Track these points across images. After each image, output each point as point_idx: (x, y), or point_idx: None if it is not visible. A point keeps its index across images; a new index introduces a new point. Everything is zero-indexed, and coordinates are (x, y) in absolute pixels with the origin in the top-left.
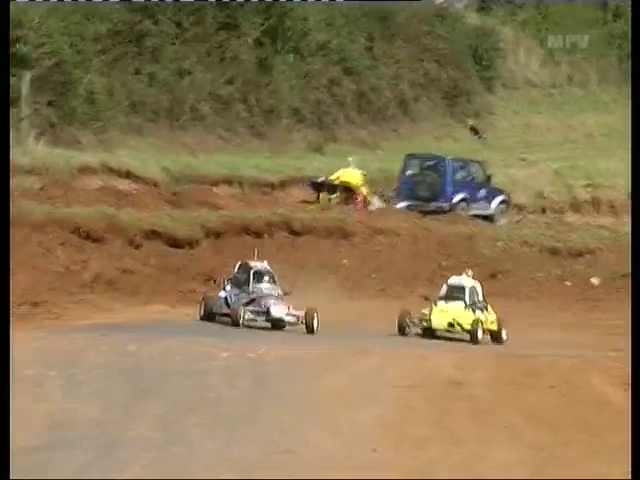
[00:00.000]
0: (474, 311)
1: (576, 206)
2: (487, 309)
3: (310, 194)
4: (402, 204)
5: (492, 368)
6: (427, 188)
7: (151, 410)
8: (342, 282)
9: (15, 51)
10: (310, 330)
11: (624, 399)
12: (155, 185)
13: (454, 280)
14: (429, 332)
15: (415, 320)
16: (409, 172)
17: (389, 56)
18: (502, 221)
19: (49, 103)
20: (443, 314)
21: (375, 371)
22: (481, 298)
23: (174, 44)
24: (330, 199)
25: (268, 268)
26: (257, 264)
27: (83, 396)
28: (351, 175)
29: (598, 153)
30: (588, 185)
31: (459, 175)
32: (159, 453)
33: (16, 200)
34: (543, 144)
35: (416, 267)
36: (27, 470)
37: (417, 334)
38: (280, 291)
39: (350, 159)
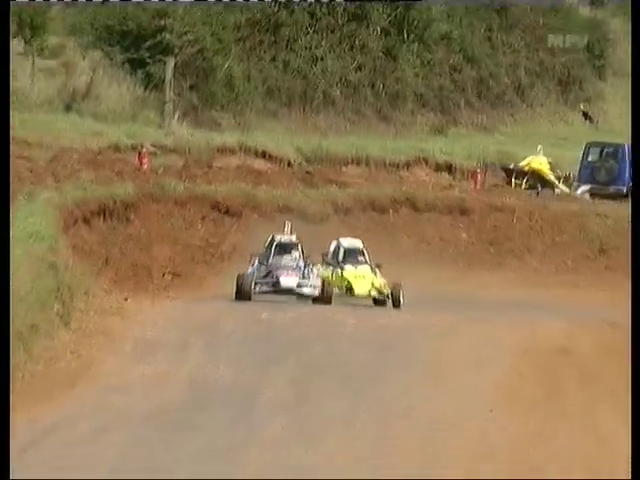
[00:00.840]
0: (376, 275)
1: None
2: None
3: (502, 179)
4: (584, 187)
5: (599, 337)
6: (606, 173)
7: (283, 373)
8: (461, 256)
9: (161, 39)
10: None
11: None
12: (289, 164)
13: (349, 242)
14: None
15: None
16: (589, 158)
17: (507, 45)
18: None
19: (191, 87)
20: (362, 280)
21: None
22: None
23: (307, 33)
24: (521, 184)
25: (293, 240)
26: (282, 237)
27: (221, 360)
28: (540, 162)
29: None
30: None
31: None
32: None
33: (160, 177)
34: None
35: (531, 242)
36: (168, 428)
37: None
38: (304, 261)
39: (539, 147)
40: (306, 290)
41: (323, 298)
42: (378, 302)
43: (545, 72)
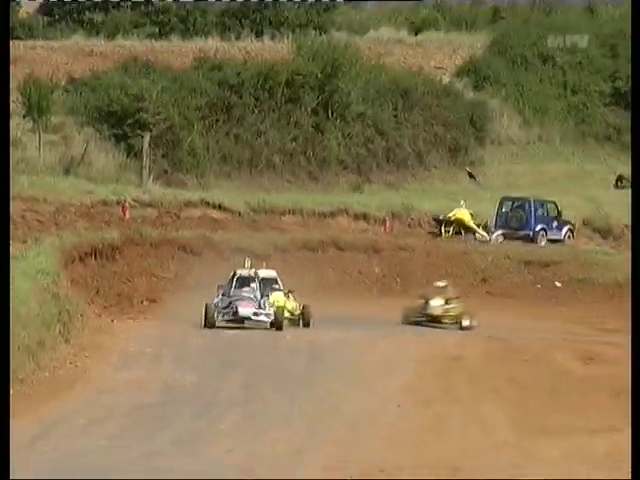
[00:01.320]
0: (289, 297)
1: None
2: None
3: (434, 227)
4: (498, 232)
5: (483, 347)
6: (516, 221)
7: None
8: (374, 285)
9: (139, 118)
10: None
11: (582, 369)
12: (239, 215)
13: (264, 273)
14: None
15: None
16: (503, 209)
17: (409, 121)
18: (568, 242)
19: (163, 156)
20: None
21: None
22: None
23: (253, 113)
24: (449, 231)
25: (252, 274)
26: (242, 271)
27: (188, 368)
28: (463, 213)
29: (560, 192)
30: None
31: (539, 212)
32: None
33: (139, 226)
34: (520, 185)
35: (429, 274)
36: (146, 421)
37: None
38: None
39: (462, 202)
40: (261, 318)
41: (275, 324)
42: (291, 322)
43: (439, 141)
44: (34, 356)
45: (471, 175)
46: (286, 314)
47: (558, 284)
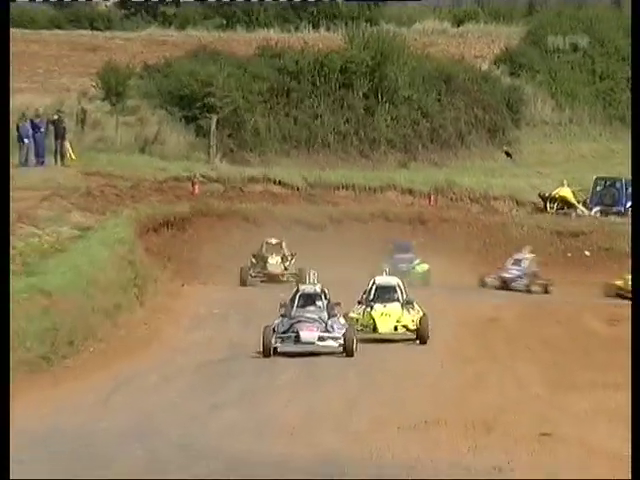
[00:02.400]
0: (408, 311)
1: (576, 203)
2: (412, 307)
3: (540, 203)
4: (596, 209)
5: (518, 309)
6: (610, 198)
7: None
8: (419, 253)
9: (207, 101)
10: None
11: (607, 330)
12: (297, 189)
13: (382, 280)
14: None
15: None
16: (597, 188)
17: (451, 104)
18: None
19: (228, 136)
20: (387, 318)
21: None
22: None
23: (310, 97)
24: (553, 207)
25: (317, 290)
26: (306, 287)
27: (252, 328)
28: (566, 191)
29: (589, 169)
30: (581, 190)
31: (629, 190)
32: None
33: (207, 199)
34: (552, 163)
35: (469, 243)
36: (214, 376)
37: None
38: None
39: (565, 181)
40: (329, 343)
41: (345, 351)
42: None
43: (478, 123)
44: (111, 318)
45: (508, 154)
46: (400, 330)
47: (587, 253)
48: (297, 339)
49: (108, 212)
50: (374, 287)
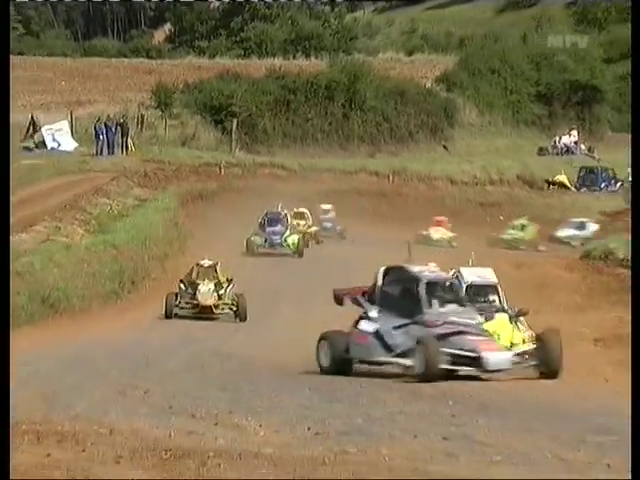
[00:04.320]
0: (518, 327)
1: (492, 182)
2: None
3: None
4: (582, 189)
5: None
6: (590, 181)
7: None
8: (384, 217)
9: (229, 109)
10: (552, 375)
11: (516, 272)
12: (295, 172)
13: (475, 274)
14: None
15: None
16: (581, 174)
17: (404, 112)
18: (621, 191)
19: (245, 133)
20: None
21: None
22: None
23: (304, 106)
24: (554, 189)
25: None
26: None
27: (264, 269)
28: (563, 178)
29: (502, 158)
30: (498, 172)
31: (603, 175)
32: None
33: (230, 179)
34: (476, 154)
35: (417, 211)
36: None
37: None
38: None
39: (562, 170)
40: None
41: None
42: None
43: (424, 125)
44: (162, 263)
45: (445, 147)
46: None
47: (501, 218)
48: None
49: (159, 188)
50: (462, 285)
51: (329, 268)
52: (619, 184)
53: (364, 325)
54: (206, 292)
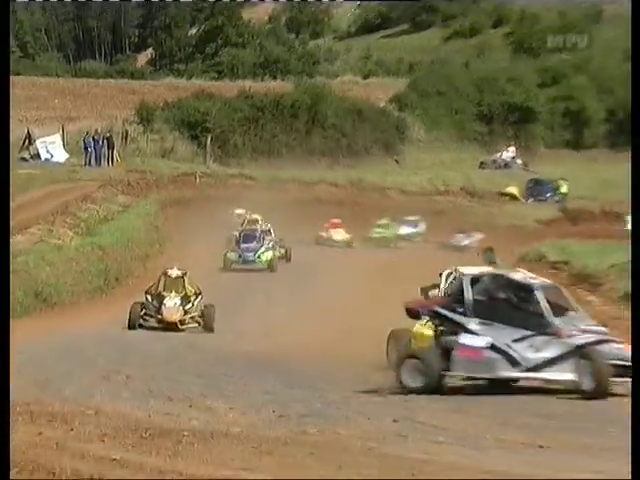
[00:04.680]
0: None
1: (438, 192)
2: None
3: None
4: (530, 200)
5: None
6: (537, 192)
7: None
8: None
9: (205, 125)
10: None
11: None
12: (261, 182)
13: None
14: None
15: None
16: (530, 185)
17: (361, 128)
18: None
19: (218, 147)
20: None
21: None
22: None
23: (271, 123)
24: (505, 199)
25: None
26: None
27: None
28: (513, 189)
29: (447, 170)
30: (444, 184)
31: (548, 186)
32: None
33: (204, 188)
34: (424, 167)
35: (369, 213)
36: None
37: None
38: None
39: (513, 186)
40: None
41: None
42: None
43: (378, 141)
44: (143, 263)
45: (397, 161)
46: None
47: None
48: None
49: (141, 195)
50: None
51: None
52: (560, 196)
53: (470, 339)
54: (172, 307)
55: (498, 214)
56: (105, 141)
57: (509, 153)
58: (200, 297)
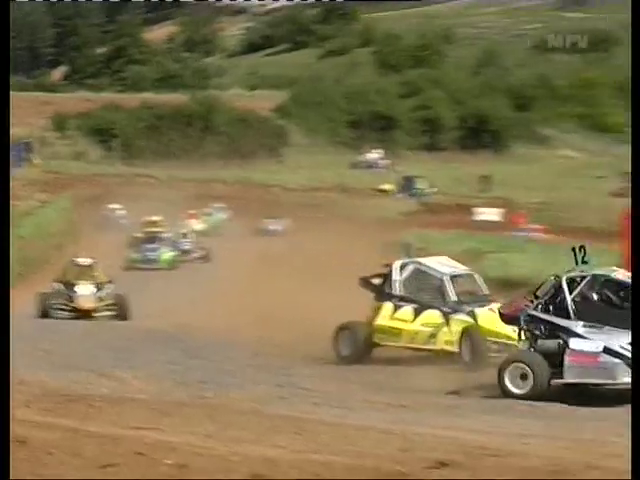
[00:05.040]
0: None
1: (315, 189)
2: None
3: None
4: (399, 195)
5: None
6: (407, 188)
7: None
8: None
9: (112, 132)
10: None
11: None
12: (160, 180)
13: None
14: None
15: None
16: (402, 182)
17: (247, 135)
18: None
19: (124, 151)
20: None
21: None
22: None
23: (170, 130)
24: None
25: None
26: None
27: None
28: (386, 186)
29: (323, 170)
30: (320, 181)
31: (414, 183)
32: None
33: (111, 186)
34: (303, 167)
35: (257, 209)
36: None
37: None
38: None
39: (387, 184)
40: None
41: None
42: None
43: (263, 145)
44: (59, 251)
45: (279, 162)
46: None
47: (321, 215)
48: None
49: (57, 193)
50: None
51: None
52: (430, 190)
53: (582, 344)
54: (85, 294)
55: (366, 207)
56: (25, 146)
57: (375, 155)
58: (112, 284)
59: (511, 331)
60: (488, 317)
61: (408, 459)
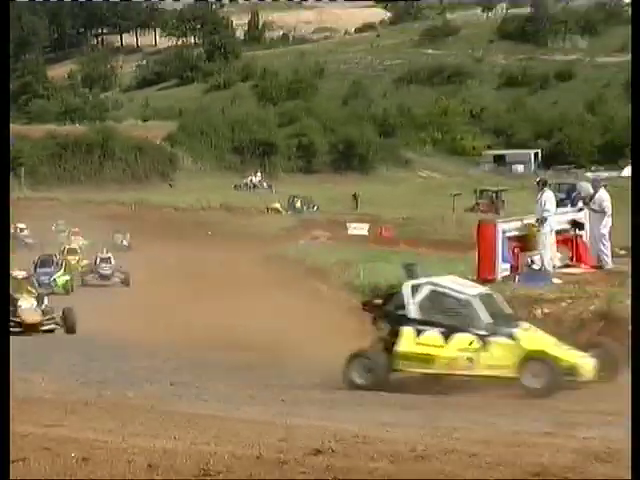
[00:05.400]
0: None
1: (203, 209)
2: None
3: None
4: (290, 212)
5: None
6: (295, 207)
7: None
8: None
9: (19, 162)
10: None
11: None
12: (66, 203)
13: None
14: None
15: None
16: (290, 201)
17: (142, 161)
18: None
19: (30, 177)
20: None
21: None
22: None
23: (72, 158)
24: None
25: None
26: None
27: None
28: (277, 205)
29: (210, 192)
30: (207, 202)
31: (304, 200)
32: None
33: (21, 209)
34: (192, 190)
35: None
36: None
37: None
38: None
39: (278, 200)
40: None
41: None
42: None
43: (153, 170)
44: None
45: (170, 185)
46: None
47: (209, 233)
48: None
49: None
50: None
51: None
52: (315, 208)
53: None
54: (29, 309)
55: (248, 224)
56: None
57: (257, 178)
58: (46, 298)
59: (558, 351)
60: (531, 339)
61: (288, 448)
